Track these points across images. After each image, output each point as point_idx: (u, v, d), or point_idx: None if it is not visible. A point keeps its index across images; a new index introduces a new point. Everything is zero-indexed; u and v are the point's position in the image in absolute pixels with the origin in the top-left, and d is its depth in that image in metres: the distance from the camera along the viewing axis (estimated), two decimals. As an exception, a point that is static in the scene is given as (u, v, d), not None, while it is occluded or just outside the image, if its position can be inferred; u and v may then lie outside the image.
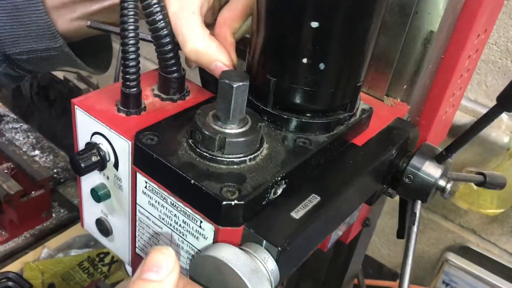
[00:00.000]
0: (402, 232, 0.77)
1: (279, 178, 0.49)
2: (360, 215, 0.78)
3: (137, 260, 0.59)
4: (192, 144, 0.49)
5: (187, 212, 0.48)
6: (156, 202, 0.51)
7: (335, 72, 0.52)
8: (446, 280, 1.31)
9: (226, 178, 0.47)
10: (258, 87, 0.55)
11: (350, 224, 0.77)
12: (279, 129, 0.55)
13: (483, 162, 1.16)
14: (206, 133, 0.48)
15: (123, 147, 0.53)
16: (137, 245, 0.58)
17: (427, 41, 0.65)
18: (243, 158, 0.49)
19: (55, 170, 1.84)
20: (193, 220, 0.48)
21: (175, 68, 0.57)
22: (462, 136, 0.61)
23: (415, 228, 0.66)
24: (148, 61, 1.51)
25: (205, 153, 0.48)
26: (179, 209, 0.49)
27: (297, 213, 0.48)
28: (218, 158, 0.48)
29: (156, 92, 0.60)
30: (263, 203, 0.48)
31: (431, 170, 0.64)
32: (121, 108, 0.55)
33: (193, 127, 0.50)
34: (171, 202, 0.49)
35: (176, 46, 0.57)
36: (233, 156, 0.48)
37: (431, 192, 0.65)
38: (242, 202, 0.45)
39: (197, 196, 0.46)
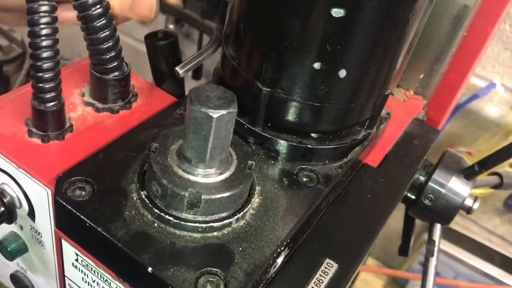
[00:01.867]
0: (406, 249, 0.64)
1: (283, 248, 0.32)
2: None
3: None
4: (146, 199, 0.32)
5: (143, 307, 0.31)
6: (93, 281, 0.34)
7: (360, 81, 0.35)
8: (423, 260, 1.22)
9: (203, 259, 0.30)
10: (241, 97, 0.37)
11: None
12: (272, 157, 0.38)
13: (471, 138, 1.04)
14: (169, 186, 0.30)
15: (40, 195, 0.34)
16: (70, 321, 0.40)
17: (457, 19, 0.49)
18: (227, 220, 0.32)
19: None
20: (153, 319, 0.31)
21: (114, 64, 0.39)
22: (505, 149, 0.46)
23: (434, 261, 0.52)
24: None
25: (167, 216, 0.31)
26: (130, 299, 0.32)
27: (309, 297, 0.33)
28: (188, 223, 0.31)
29: (88, 98, 0.41)
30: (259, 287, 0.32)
31: (458, 188, 0.50)
32: (34, 130, 0.36)
33: (148, 172, 0.32)
34: (117, 288, 0.32)
35: (116, 32, 0.38)
36: (212, 218, 0.31)
37: (456, 214, 0.51)
38: (232, 303, 0.28)
39: (158, 289, 0.29)
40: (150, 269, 0.29)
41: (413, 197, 0.51)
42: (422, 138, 0.49)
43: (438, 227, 0.52)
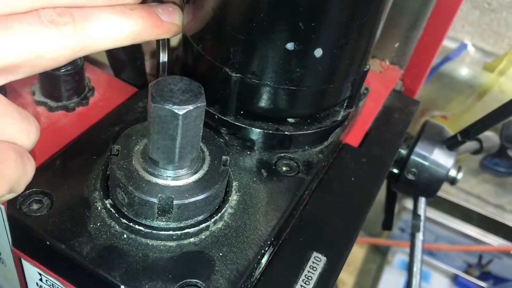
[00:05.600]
0: (389, 223, 0.62)
1: (266, 248, 0.30)
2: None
3: None
4: (112, 208, 0.29)
5: (119, 327, 0.28)
6: (62, 301, 0.31)
7: (337, 59, 0.32)
8: (403, 226, 1.23)
9: (180, 270, 0.27)
10: (209, 86, 0.34)
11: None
12: (248, 147, 0.35)
13: (444, 100, 1.03)
14: (136, 194, 0.27)
15: (-8, 212, 0.31)
16: None
17: (432, -18, 0.46)
18: (203, 224, 0.29)
19: None
20: (131, 338, 0.29)
21: (65, 57, 0.34)
22: (488, 117, 0.45)
23: (420, 236, 0.51)
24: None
25: (137, 226, 0.28)
26: (104, 318, 0.29)
27: (299, 296, 0.30)
28: (161, 231, 0.28)
29: (39, 97, 0.37)
30: (245, 292, 0.29)
31: (441, 160, 0.48)
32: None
33: (111, 178, 0.29)
34: (88, 308, 0.29)
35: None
36: (187, 223, 0.29)
37: (440, 187, 0.50)
38: (216, 317, 0.26)
39: (134, 308, 0.27)
40: (122, 287, 0.26)
41: (395, 172, 0.49)
42: (402, 111, 0.47)
43: (422, 201, 0.51)
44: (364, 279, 1.31)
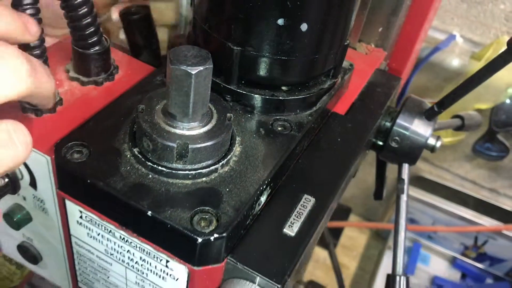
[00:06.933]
0: (381, 194, 0.68)
1: (264, 186, 0.36)
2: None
3: (81, 292, 0.46)
4: (139, 155, 0.35)
5: (145, 250, 0.35)
6: (98, 235, 0.37)
7: (320, 33, 0.39)
8: (401, 211, 1.29)
9: (195, 200, 0.34)
10: (215, 59, 0.40)
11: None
12: (248, 111, 0.42)
13: (437, 89, 1.09)
14: (159, 140, 0.34)
15: (40, 164, 0.38)
16: (79, 279, 0.44)
17: (408, -28, 0.53)
18: (213, 167, 0.36)
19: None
20: (155, 259, 0.35)
21: (95, 39, 0.42)
22: (460, 88, 0.51)
23: (405, 197, 0.57)
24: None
25: (160, 167, 0.35)
26: (133, 245, 0.36)
27: (292, 228, 0.37)
28: (179, 171, 0.35)
29: (73, 74, 0.44)
30: (247, 222, 0.36)
31: (421, 129, 0.54)
32: (27, 106, 0.39)
33: (138, 130, 0.36)
34: (121, 237, 0.36)
35: (94, 8, 0.41)
36: (199, 165, 0.35)
37: (421, 154, 0.56)
38: (224, 235, 0.32)
39: (158, 231, 0.33)
40: (149, 212, 0.33)
41: (381, 143, 0.56)
42: (384, 85, 0.53)
43: (406, 167, 0.57)
44: (366, 264, 1.37)
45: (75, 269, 0.43)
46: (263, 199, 0.37)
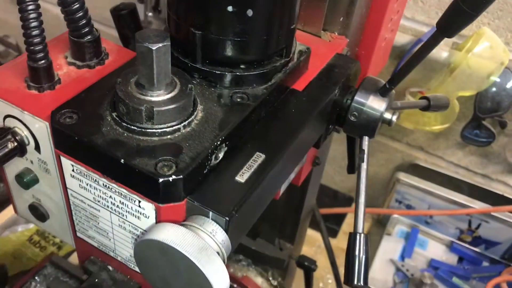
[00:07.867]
0: (353, 168, 0.76)
1: (218, 142, 0.45)
2: (309, 156, 0.76)
3: (80, 243, 0.55)
4: (117, 118, 0.44)
5: (122, 193, 0.44)
6: (87, 185, 0.46)
7: (265, 18, 0.47)
8: (399, 198, 1.35)
9: (160, 152, 0.43)
10: (183, 43, 0.49)
11: (300, 167, 0.75)
12: (213, 86, 0.50)
13: (425, 80, 1.16)
14: (131, 104, 0.43)
15: (41, 129, 0.47)
16: (76, 229, 0.53)
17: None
18: (176, 126, 0.44)
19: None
20: (130, 201, 0.44)
21: (86, 30, 0.51)
22: (404, 66, 0.58)
23: (365, 165, 0.64)
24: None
25: (132, 127, 0.44)
26: (113, 190, 0.44)
27: (242, 176, 0.45)
28: (148, 130, 0.43)
29: (70, 59, 0.53)
30: (205, 171, 0.44)
31: (375, 105, 0.62)
32: (32, 84, 0.49)
33: (116, 98, 0.44)
34: (103, 184, 0.45)
35: (84, 4, 0.50)
36: (165, 125, 0.44)
37: (378, 126, 0.64)
38: (181, 176, 0.41)
39: (130, 176, 0.42)
40: (122, 160, 0.41)
41: (342, 115, 0.63)
42: (342, 67, 0.61)
43: (366, 139, 0.65)
44: (367, 250, 1.43)
45: (73, 220, 0.52)
46: (220, 155, 0.46)
